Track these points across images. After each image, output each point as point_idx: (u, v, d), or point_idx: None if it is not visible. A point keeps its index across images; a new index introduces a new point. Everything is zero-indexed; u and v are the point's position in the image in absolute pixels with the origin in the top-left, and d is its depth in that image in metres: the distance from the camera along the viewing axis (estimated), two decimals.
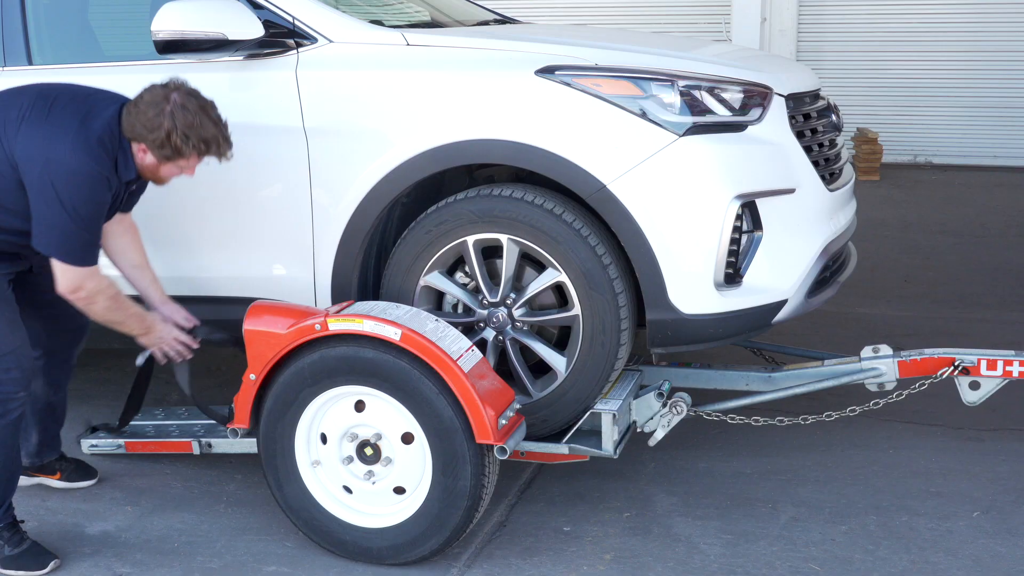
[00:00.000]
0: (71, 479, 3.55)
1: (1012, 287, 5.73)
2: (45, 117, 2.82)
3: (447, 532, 2.92)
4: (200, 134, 2.82)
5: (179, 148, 2.81)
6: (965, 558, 3.00)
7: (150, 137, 2.81)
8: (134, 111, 2.83)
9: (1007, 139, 9.76)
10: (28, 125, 2.80)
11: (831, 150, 3.46)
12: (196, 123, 2.81)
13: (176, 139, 2.79)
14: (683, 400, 3.25)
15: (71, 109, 2.84)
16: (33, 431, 3.44)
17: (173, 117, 2.79)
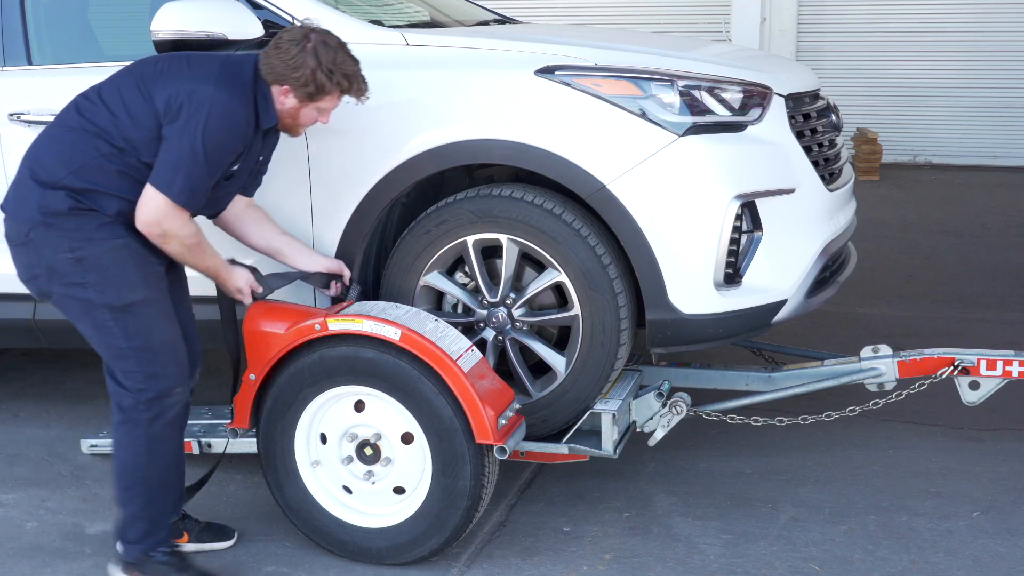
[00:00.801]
0: (201, 539, 3.14)
1: (1012, 287, 5.73)
2: (186, 66, 2.77)
3: (447, 532, 2.92)
4: (343, 70, 2.79)
5: (323, 85, 2.76)
6: (965, 558, 3.00)
7: (293, 75, 2.75)
8: (274, 52, 2.77)
9: (1007, 139, 9.76)
10: (168, 75, 2.74)
11: (831, 150, 3.46)
12: (338, 59, 2.78)
13: (320, 75, 2.75)
14: (683, 400, 3.25)
15: (209, 59, 2.81)
16: None
17: (316, 53, 2.75)
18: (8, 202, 2.82)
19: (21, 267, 2.81)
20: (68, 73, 3.53)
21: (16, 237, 2.77)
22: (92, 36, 3.94)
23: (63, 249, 2.71)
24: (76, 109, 2.79)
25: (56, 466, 3.77)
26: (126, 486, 2.85)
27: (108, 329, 2.76)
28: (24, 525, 3.34)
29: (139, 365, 2.77)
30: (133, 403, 2.79)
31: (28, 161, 2.80)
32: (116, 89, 2.77)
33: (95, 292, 2.73)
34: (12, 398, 4.43)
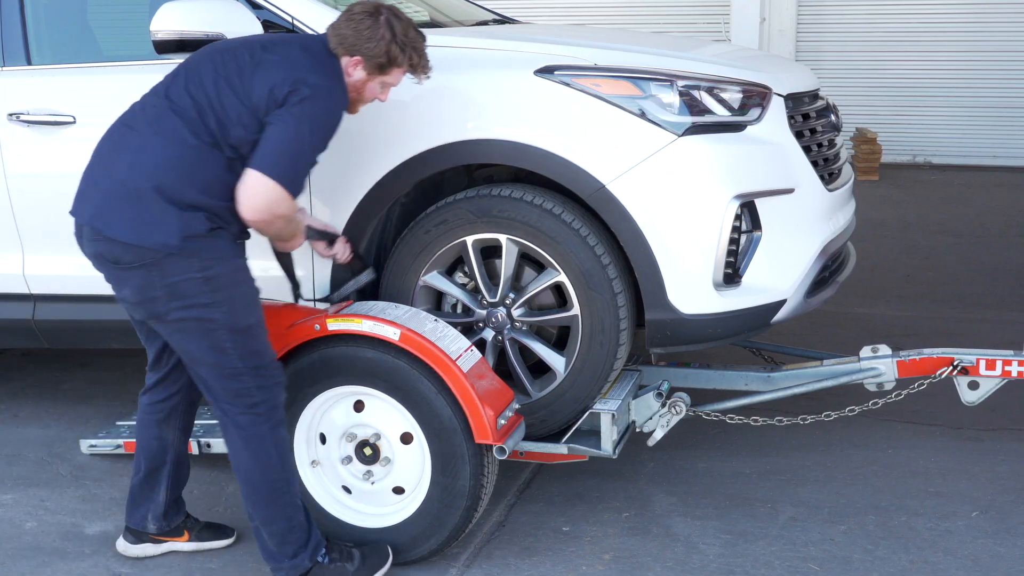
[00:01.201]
0: (202, 538, 3.15)
1: (1011, 287, 5.73)
2: (272, 54, 2.68)
3: (446, 532, 2.92)
4: (414, 44, 2.77)
5: (395, 57, 2.73)
6: (964, 558, 3.00)
7: (366, 46, 2.70)
8: (345, 24, 2.73)
9: (1006, 139, 9.76)
10: (258, 67, 2.65)
11: (830, 150, 3.46)
12: (410, 34, 2.76)
13: (395, 47, 2.72)
14: (682, 400, 3.25)
15: (285, 43, 2.74)
16: (163, 487, 3.09)
17: (390, 25, 2.72)
18: (124, 226, 2.61)
19: (132, 288, 2.66)
20: (67, 73, 3.54)
21: (134, 260, 2.61)
22: (91, 36, 3.94)
23: (193, 269, 2.61)
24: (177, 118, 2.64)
25: (55, 466, 3.76)
26: (268, 502, 2.77)
27: (225, 351, 2.68)
28: (23, 525, 3.34)
29: (254, 380, 2.72)
30: (251, 419, 2.73)
31: (147, 179, 2.60)
32: (204, 92, 2.66)
33: (221, 312, 2.65)
34: (11, 398, 4.43)
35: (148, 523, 3.09)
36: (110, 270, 2.69)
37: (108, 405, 4.30)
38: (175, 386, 3.02)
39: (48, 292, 3.65)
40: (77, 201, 2.74)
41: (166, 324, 2.70)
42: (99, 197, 2.66)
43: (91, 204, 2.68)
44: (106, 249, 2.64)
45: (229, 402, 2.74)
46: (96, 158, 2.75)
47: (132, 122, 2.72)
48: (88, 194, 2.71)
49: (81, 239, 2.73)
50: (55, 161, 3.50)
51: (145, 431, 3.05)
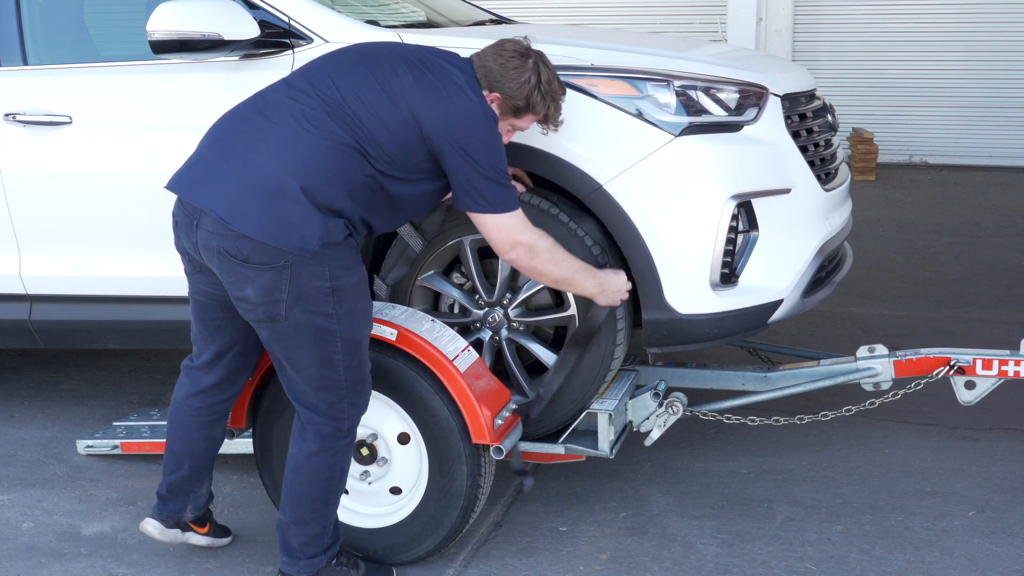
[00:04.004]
0: (215, 534, 3.13)
1: (1007, 287, 5.74)
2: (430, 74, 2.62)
3: (443, 532, 2.92)
4: (554, 95, 2.75)
5: (534, 105, 2.72)
6: (961, 557, 3.01)
7: (509, 86, 2.67)
8: (494, 59, 2.69)
9: (1002, 139, 9.77)
10: (418, 89, 2.59)
11: (827, 150, 3.46)
12: (554, 84, 2.74)
13: (536, 95, 2.70)
14: (679, 400, 3.25)
15: (436, 65, 2.67)
16: (207, 480, 3.05)
17: (537, 71, 2.69)
18: (262, 224, 2.48)
19: (258, 289, 2.53)
20: (64, 73, 3.53)
21: (266, 260, 2.50)
22: (88, 36, 3.94)
23: (323, 277, 2.54)
24: (328, 119, 2.55)
25: (52, 467, 3.76)
26: (314, 508, 2.74)
27: (333, 362, 2.62)
28: (20, 526, 3.34)
29: (349, 396, 2.67)
30: (333, 431, 2.69)
31: (293, 176, 2.49)
32: (359, 97, 2.58)
33: (340, 324, 2.59)
34: (8, 399, 4.42)
35: (186, 513, 3.02)
36: (234, 267, 2.53)
37: (104, 406, 4.30)
38: (233, 388, 2.92)
39: (44, 292, 3.64)
40: (191, 184, 2.59)
41: (278, 329, 2.59)
42: (230, 187, 2.52)
43: (218, 193, 2.52)
44: (233, 245, 2.50)
45: (318, 412, 2.67)
46: (219, 140, 2.61)
47: (270, 113, 2.59)
48: (212, 180, 2.55)
49: (194, 227, 2.58)
50: (52, 161, 3.50)
51: (192, 433, 2.92)
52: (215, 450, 2.99)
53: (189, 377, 2.91)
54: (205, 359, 2.86)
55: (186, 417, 2.92)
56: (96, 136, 3.45)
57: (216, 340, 2.83)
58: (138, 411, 4.05)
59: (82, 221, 3.52)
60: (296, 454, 2.73)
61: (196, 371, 2.89)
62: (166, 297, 3.50)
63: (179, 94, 3.37)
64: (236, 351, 2.84)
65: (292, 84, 2.67)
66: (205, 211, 2.53)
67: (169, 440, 2.96)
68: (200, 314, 2.81)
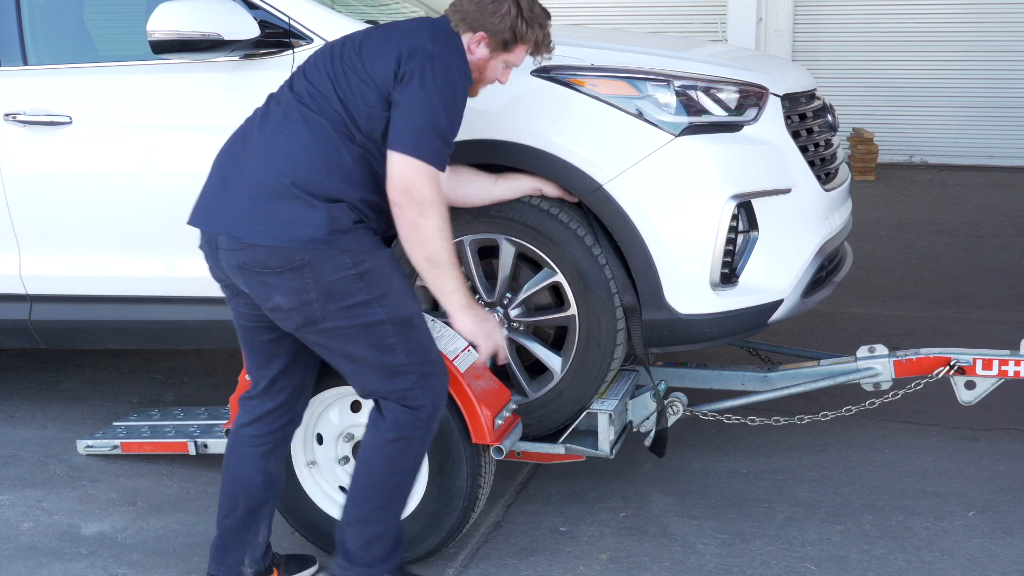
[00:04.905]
0: (289, 571, 2.93)
1: (1007, 287, 5.74)
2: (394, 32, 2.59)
3: (443, 532, 2.92)
4: (539, 20, 2.70)
5: (521, 34, 2.65)
6: (961, 557, 3.01)
7: (491, 21, 2.62)
8: (470, 2, 2.64)
9: (1002, 139, 9.78)
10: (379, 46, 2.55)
11: (827, 150, 3.46)
12: (536, 10, 2.71)
13: (521, 23, 2.64)
14: (679, 400, 3.25)
15: (410, 22, 2.66)
16: (263, 525, 2.83)
17: (516, 1, 2.65)
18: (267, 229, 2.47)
19: (286, 294, 2.50)
20: (64, 73, 3.53)
21: (284, 263, 2.47)
22: (88, 36, 3.94)
23: (345, 266, 2.49)
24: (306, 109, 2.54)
25: (52, 467, 3.76)
26: (381, 505, 2.65)
27: (390, 347, 2.55)
28: (20, 526, 3.34)
29: (420, 379, 2.59)
30: (411, 419, 2.59)
31: (283, 175, 2.49)
32: (328, 78, 2.56)
33: (381, 307, 2.53)
34: (8, 399, 4.42)
35: (245, 568, 2.80)
36: (257, 279, 2.51)
37: (104, 406, 4.30)
38: (290, 413, 2.80)
39: (44, 292, 3.64)
40: (203, 210, 2.60)
41: (322, 331, 2.54)
42: (233, 202, 2.53)
43: (224, 211, 2.54)
44: (250, 257, 2.49)
45: (393, 399, 2.60)
46: (220, 165, 2.62)
47: (258, 124, 2.61)
48: (218, 201, 2.57)
49: (216, 250, 2.57)
50: (52, 161, 3.51)
51: (246, 466, 2.78)
52: (272, 489, 2.81)
53: (245, 408, 2.80)
54: (261, 387, 2.76)
55: (241, 450, 2.79)
56: (96, 136, 3.45)
57: (268, 365, 2.74)
58: (138, 411, 4.05)
59: (82, 221, 3.52)
60: (369, 442, 2.64)
61: (252, 401, 2.78)
62: (166, 297, 3.50)
63: (179, 94, 3.37)
64: (290, 374, 2.75)
65: (276, 92, 2.68)
66: (219, 233, 2.54)
67: (224, 480, 2.82)
68: (248, 341, 2.73)
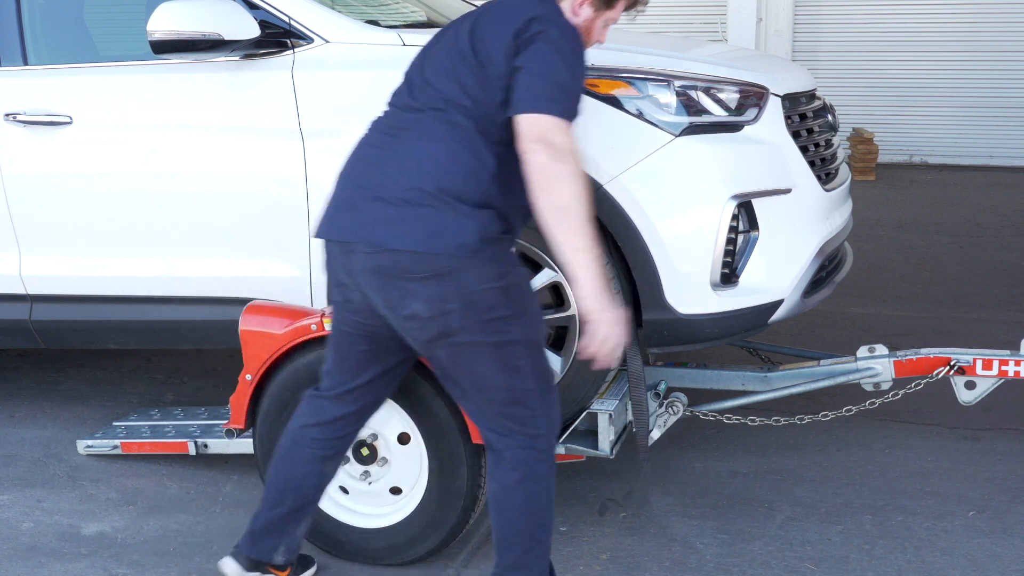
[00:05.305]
0: (296, 572, 2.89)
1: (1007, 287, 5.74)
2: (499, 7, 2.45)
3: (443, 532, 2.92)
4: None
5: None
6: (961, 557, 3.01)
7: None
8: None
9: (1002, 139, 9.78)
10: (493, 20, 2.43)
11: (827, 150, 3.46)
12: None
13: None
14: (679, 400, 3.25)
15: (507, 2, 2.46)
16: (305, 522, 2.80)
17: None
18: (414, 234, 2.35)
19: (425, 302, 2.37)
20: (64, 73, 3.53)
21: (427, 270, 2.34)
22: (88, 36, 3.94)
23: (492, 278, 2.36)
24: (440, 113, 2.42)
25: (52, 467, 3.76)
26: (527, 548, 2.53)
27: (519, 369, 2.44)
28: (20, 526, 3.34)
29: (542, 406, 2.49)
30: (532, 455, 2.50)
31: (429, 181, 2.36)
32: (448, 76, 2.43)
33: (518, 325, 2.41)
34: (8, 399, 4.42)
35: (277, 555, 2.78)
36: (394, 284, 2.38)
37: (104, 406, 4.30)
38: (359, 424, 2.76)
39: (44, 292, 3.64)
40: (335, 220, 2.48)
41: (453, 345, 2.41)
42: (372, 209, 2.40)
43: (362, 219, 2.41)
44: (390, 261, 2.36)
45: (510, 433, 2.49)
46: (350, 176, 2.51)
47: (388, 130, 2.51)
48: (352, 211, 2.44)
49: (349, 258, 2.44)
50: (52, 161, 3.50)
51: (304, 466, 2.72)
52: (323, 489, 2.78)
53: (313, 406, 2.72)
54: (338, 391, 2.69)
55: (302, 448, 2.72)
56: (96, 136, 3.45)
57: (355, 374, 2.67)
58: (138, 411, 4.05)
59: (82, 221, 3.52)
60: (496, 490, 2.53)
61: (323, 400, 2.71)
62: (166, 297, 3.50)
63: (179, 94, 3.37)
64: (373, 387, 2.69)
65: (395, 96, 2.56)
66: (356, 241, 2.41)
67: (275, 472, 2.75)
68: (342, 345, 2.65)
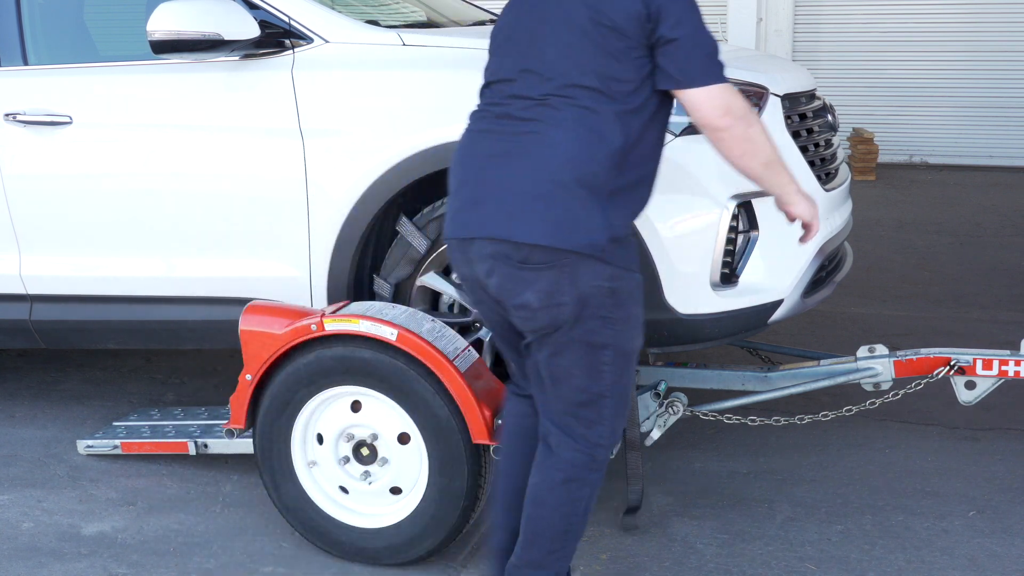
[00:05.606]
0: None
1: (1007, 287, 5.74)
2: None
3: (444, 532, 2.92)
4: None
5: None
6: (961, 557, 3.01)
7: None
8: None
9: (1002, 139, 9.78)
10: None
11: (827, 150, 3.47)
12: None
13: None
14: (679, 400, 3.25)
15: None
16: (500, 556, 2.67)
17: None
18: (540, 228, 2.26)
19: (538, 292, 2.30)
20: (64, 73, 3.53)
21: (547, 261, 2.27)
22: (88, 36, 3.94)
23: (603, 277, 2.29)
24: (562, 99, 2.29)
25: (52, 467, 3.76)
26: (552, 549, 2.49)
27: (600, 373, 2.38)
28: (20, 526, 3.34)
29: (611, 417, 2.44)
30: (587, 460, 2.45)
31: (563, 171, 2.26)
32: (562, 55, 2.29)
33: (616, 331, 2.35)
34: (8, 399, 4.42)
35: None
36: (511, 271, 2.31)
37: (104, 406, 4.30)
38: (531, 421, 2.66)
39: (45, 292, 3.65)
40: (459, 219, 2.39)
41: (555, 339, 2.36)
42: (500, 204, 2.31)
43: (487, 213, 2.32)
44: (510, 250, 2.29)
45: (571, 433, 2.44)
46: (476, 171, 2.39)
47: (507, 122, 2.38)
48: (478, 205, 2.34)
49: (467, 251, 2.37)
50: (52, 161, 3.51)
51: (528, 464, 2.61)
52: None
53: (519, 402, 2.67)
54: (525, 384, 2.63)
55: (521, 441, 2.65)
56: (96, 136, 3.46)
57: None
58: (138, 411, 4.05)
59: (82, 221, 3.53)
60: (539, 483, 2.48)
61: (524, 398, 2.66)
62: (166, 297, 3.51)
63: (179, 94, 3.38)
64: None
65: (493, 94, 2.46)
66: (481, 237, 2.33)
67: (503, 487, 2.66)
68: (509, 343, 2.57)
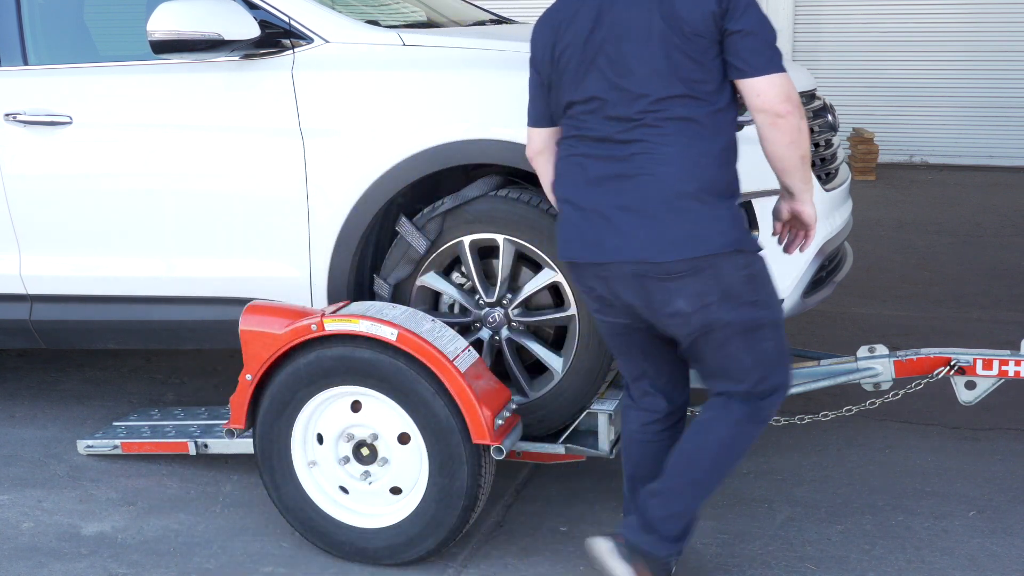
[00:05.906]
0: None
1: (1007, 287, 5.74)
2: None
3: (444, 532, 2.92)
4: None
5: None
6: (961, 557, 3.01)
7: None
8: None
9: (1002, 139, 9.78)
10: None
11: (827, 150, 3.46)
12: None
13: None
14: None
15: None
16: None
17: None
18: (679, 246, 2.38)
19: (687, 298, 2.42)
20: (64, 73, 3.53)
21: (688, 269, 2.40)
22: (88, 36, 3.94)
23: (740, 266, 2.43)
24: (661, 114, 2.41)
25: (52, 467, 3.76)
26: (695, 481, 2.62)
27: (764, 351, 2.51)
28: (20, 526, 3.34)
29: (781, 380, 2.58)
30: (751, 413, 2.57)
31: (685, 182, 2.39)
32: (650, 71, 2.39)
33: (766, 310, 2.50)
34: (8, 399, 4.42)
35: None
36: (654, 286, 2.43)
37: (104, 406, 4.30)
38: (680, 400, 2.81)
39: (45, 292, 3.65)
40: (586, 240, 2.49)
41: (714, 337, 2.48)
42: (628, 227, 2.42)
43: (618, 238, 2.43)
44: (651, 267, 2.41)
45: (741, 393, 2.55)
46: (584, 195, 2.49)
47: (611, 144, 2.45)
48: (603, 229, 2.45)
49: (601, 272, 2.49)
50: (52, 161, 3.51)
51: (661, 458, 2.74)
52: None
53: (643, 408, 2.78)
54: (648, 386, 2.76)
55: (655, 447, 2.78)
56: (96, 136, 3.45)
57: (653, 362, 2.72)
58: (138, 411, 4.05)
59: (82, 221, 3.53)
60: (711, 417, 2.59)
61: (648, 399, 2.77)
62: (166, 297, 3.51)
63: (179, 94, 3.37)
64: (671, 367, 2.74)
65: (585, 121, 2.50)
66: (622, 262, 2.43)
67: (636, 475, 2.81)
68: (625, 348, 2.69)
